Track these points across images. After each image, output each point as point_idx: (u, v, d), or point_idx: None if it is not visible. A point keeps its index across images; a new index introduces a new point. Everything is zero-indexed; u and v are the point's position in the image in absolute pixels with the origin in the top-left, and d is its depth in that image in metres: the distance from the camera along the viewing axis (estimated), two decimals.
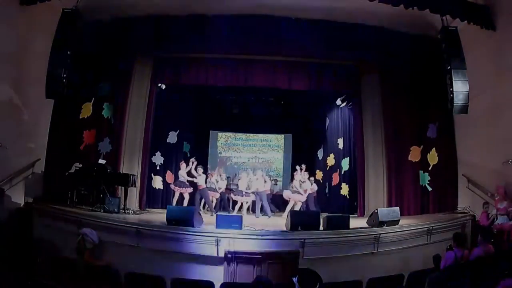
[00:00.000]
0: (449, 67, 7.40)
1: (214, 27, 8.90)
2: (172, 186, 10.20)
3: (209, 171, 11.29)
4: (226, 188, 10.96)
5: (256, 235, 6.67)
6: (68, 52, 7.26)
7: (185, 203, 9.64)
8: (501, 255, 5.47)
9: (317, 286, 3.30)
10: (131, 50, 9.44)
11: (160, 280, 4.89)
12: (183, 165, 10.00)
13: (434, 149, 9.37)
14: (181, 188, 9.75)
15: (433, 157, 9.37)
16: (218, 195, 10.33)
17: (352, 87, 10.24)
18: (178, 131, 11.66)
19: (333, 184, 11.60)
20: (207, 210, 10.10)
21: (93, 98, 9.32)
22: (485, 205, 7.46)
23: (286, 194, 10.07)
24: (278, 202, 11.30)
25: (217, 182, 10.29)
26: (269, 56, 9.45)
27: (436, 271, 5.27)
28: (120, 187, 8.93)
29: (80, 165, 8.58)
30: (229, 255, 6.31)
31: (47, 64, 7.15)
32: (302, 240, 6.47)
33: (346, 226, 6.99)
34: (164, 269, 5.49)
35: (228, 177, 11.77)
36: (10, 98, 7.55)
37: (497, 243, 6.54)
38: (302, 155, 13.40)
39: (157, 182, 10.81)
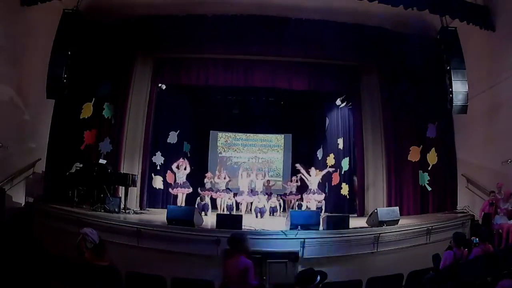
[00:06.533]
0: (448, 67, 7.45)
1: (214, 27, 8.93)
2: (170, 189, 10.07)
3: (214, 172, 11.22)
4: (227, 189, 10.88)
5: (256, 234, 6.69)
6: (69, 53, 7.30)
7: (180, 204, 9.37)
8: (500, 255, 5.49)
9: (317, 280, 3.30)
10: (131, 50, 9.46)
11: (160, 279, 4.91)
12: (181, 165, 9.87)
13: (433, 149, 9.39)
14: (178, 189, 9.59)
15: (432, 157, 9.39)
16: (222, 196, 10.24)
17: (352, 87, 10.25)
18: (178, 131, 11.69)
19: (333, 184, 11.62)
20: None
21: (93, 98, 9.35)
22: (491, 193, 7.39)
23: (308, 197, 9.96)
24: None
25: (218, 183, 10.26)
26: (269, 56, 9.46)
27: (435, 270, 5.29)
28: (120, 187, 8.94)
29: (81, 165, 8.60)
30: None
31: (48, 64, 7.18)
32: (302, 240, 6.49)
33: (346, 226, 7.01)
34: (164, 269, 5.50)
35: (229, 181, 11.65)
36: (11, 98, 7.57)
37: (496, 243, 6.59)
38: (302, 155, 13.41)
39: (158, 182, 10.84)
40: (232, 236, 4.04)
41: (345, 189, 11.03)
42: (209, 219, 8.16)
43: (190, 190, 9.73)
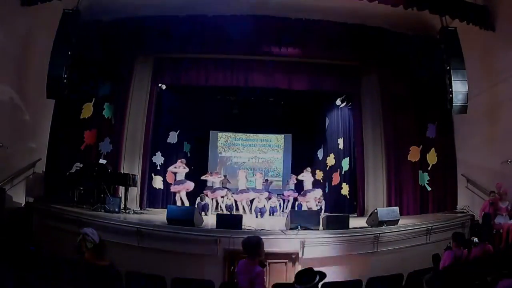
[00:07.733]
0: (448, 67, 7.43)
1: (214, 27, 8.92)
2: (172, 187, 10.04)
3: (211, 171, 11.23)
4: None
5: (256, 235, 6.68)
6: (69, 53, 7.28)
7: (179, 203, 9.35)
8: (500, 255, 5.49)
9: (316, 280, 3.30)
10: (132, 50, 9.46)
11: (160, 279, 4.92)
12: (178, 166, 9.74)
13: (433, 149, 9.40)
14: (179, 186, 9.54)
15: (432, 157, 9.40)
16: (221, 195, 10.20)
17: (352, 87, 10.25)
18: (178, 131, 11.70)
19: (333, 184, 11.62)
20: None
21: (93, 98, 9.35)
22: (491, 193, 7.38)
23: (305, 198, 9.84)
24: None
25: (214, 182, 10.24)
26: (269, 56, 9.46)
27: (434, 270, 5.29)
28: (120, 187, 8.95)
29: (81, 165, 8.61)
30: (229, 255, 6.34)
31: (48, 64, 7.17)
32: (302, 240, 6.49)
33: (346, 226, 7.02)
34: (164, 269, 5.51)
35: (225, 176, 11.68)
36: (11, 98, 7.57)
37: (496, 243, 6.59)
38: (302, 155, 13.42)
39: (158, 182, 10.85)
40: (248, 240, 3.59)
41: (345, 189, 11.02)
42: (209, 219, 8.17)
43: (192, 185, 9.65)
